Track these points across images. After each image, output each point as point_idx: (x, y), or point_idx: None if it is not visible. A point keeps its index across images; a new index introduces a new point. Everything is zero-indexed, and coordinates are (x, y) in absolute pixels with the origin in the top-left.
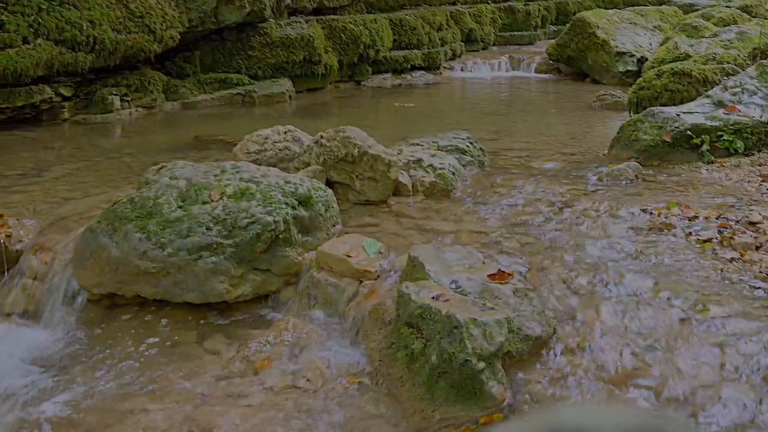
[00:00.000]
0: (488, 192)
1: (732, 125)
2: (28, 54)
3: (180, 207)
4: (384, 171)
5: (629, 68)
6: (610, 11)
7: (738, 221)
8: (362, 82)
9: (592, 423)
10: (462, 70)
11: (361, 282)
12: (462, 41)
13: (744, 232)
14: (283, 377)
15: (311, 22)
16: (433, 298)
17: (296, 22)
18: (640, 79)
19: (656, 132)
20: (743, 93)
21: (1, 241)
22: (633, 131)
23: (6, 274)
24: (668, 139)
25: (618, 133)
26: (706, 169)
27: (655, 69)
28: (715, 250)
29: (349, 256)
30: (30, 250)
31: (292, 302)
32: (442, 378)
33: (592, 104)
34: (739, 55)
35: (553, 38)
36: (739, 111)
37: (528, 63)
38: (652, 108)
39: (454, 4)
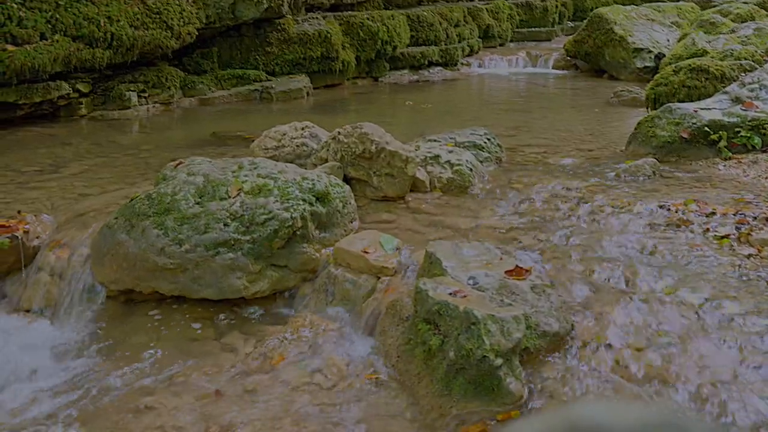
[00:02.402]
0: (506, 188)
1: (749, 121)
2: (46, 50)
3: (197, 203)
4: (401, 167)
5: (647, 64)
6: (628, 7)
7: (755, 217)
8: (379, 79)
9: (610, 420)
10: (479, 66)
11: (379, 278)
12: (479, 37)
13: (761, 229)
14: (300, 373)
15: (328, 19)
16: (450, 294)
17: (314, 18)
18: (658, 75)
19: (674, 128)
20: (761, 89)
21: (19, 237)
22: (650, 127)
23: (23, 270)
24: (686, 136)
25: (635, 129)
26: (724, 166)
27: (673, 65)
28: (732, 246)
29: (366, 253)
30: (47, 246)
31: (309, 298)
32: (460, 374)
33: (609, 100)
34: (756, 51)
35: (571, 34)
36: (757, 107)
37: (545, 59)
38: (670, 104)
39: (471, 0)
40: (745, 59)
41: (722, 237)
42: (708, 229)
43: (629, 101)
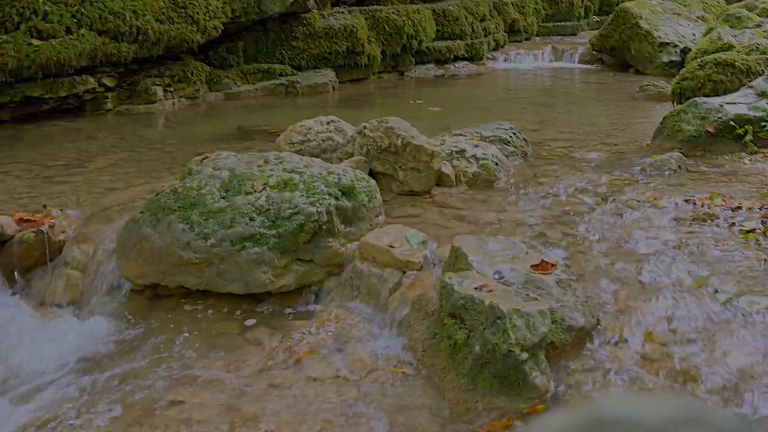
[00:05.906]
0: (531, 182)
1: None
2: (71, 44)
3: (223, 197)
4: (427, 161)
5: (672, 59)
6: (654, 1)
7: None
8: (405, 73)
9: (635, 414)
10: (505, 60)
11: (404, 273)
12: (505, 31)
13: None
14: (326, 368)
15: (354, 13)
16: (476, 288)
17: (339, 12)
18: (684, 69)
19: (699, 122)
20: None
21: (45, 231)
22: (676, 122)
23: (49, 264)
24: (711, 130)
25: (661, 123)
26: (750, 160)
27: (699, 59)
28: (758, 240)
29: (392, 247)
30: (73, 240)
31: (335, 293)
32: (486, 368)
33: (635, 95)
34: None
35: (596, 29)
36: None
37: (571, 53)
38: (696, 98)
39: None
40: None
41: (748, 231)
42: (734, 224)
43: (655, 96)
